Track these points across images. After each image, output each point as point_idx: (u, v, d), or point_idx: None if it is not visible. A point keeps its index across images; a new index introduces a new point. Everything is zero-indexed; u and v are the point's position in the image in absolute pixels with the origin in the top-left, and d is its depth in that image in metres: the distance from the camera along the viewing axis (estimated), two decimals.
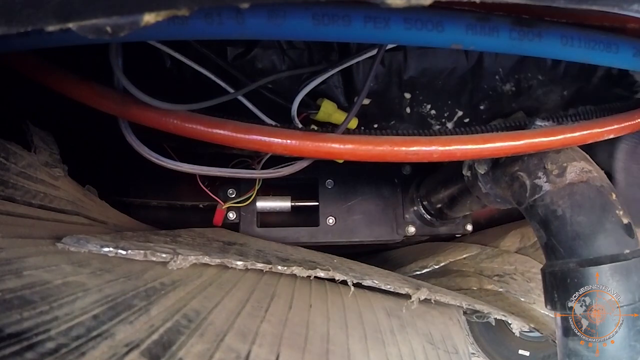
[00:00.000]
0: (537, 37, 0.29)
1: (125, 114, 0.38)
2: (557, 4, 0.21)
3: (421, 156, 0.40)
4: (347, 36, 0.28)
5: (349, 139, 0.40)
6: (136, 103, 0.37)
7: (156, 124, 0.38)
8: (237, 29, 0.26)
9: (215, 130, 0.38)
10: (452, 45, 0.29)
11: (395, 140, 0.40)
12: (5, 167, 0.38)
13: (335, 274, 0.46)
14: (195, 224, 0.65)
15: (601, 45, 0.30)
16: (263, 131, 0.39)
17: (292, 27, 0.27)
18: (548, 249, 0.38)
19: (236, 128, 0.38)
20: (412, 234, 0.69)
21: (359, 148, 0.40)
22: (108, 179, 0.65)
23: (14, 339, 0.21)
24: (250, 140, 0.39)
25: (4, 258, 0.27)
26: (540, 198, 0.38)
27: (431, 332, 0.53)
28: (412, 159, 0.41)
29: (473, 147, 0.39)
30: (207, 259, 0.39)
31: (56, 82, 0.37)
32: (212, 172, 0.46)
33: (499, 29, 0.28)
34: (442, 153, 0.39)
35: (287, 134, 0.39)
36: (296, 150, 0.40)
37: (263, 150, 0.42)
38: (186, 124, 0.38)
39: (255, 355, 0.31)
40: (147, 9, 0.19)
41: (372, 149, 0.40)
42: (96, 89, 0.38)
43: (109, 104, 0.38)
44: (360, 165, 0.71)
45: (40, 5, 0.18)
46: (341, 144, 0.40)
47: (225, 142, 0.39)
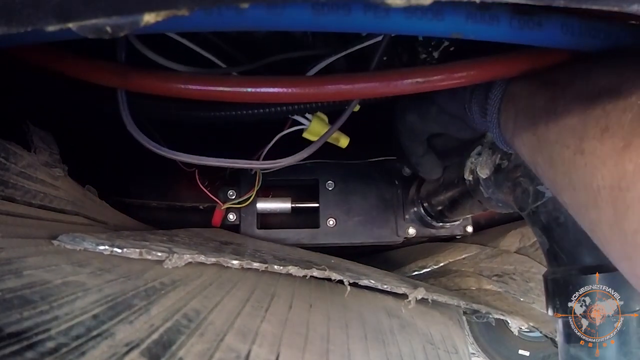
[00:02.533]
0: (537, 25, 0.29)
1: (128, 84, 0.38)
2: (557, 4, 0.21)
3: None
4: (347, 26, 0.28)
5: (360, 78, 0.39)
6: (138, 72, 0.37)
7: (160, 90, 0.37)
8: (236, 20, 0.26)
9: (220, 88, 0.37)
10: (452, 34, 0.29)
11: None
12: (5, 167, 0.38)
13: (332, 274, 0.46)
14: (195, 225, 0.65)
15: (602, 34, 0.30)
16: (268, 82, 0.38)
17: (291, 18, 0.26)
18: (550, 256, 0.38)
19: (243, 82, 0.38)
20: (412, 235, 0.69)
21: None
22: (108, 179, 0.65)
23: (14, 339, 0.21)
24: (257, 93, 0.38)
25: (4, 258, 0.27)
26: (542, 204, 0.38)
27: (431, 332, 0.53)
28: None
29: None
30: (203, 258, 0.39)
31: (54, 61, 0.37)
32: (211, 162, 0.45)
33: (499, 18, 0.28)
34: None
35: (292, 82, 0.38)
36: (304, 96, 0.39)
37: (271, 100, 0.40)
38: (190, 86, 0.37)
39: (255, 355, 0.31)
40: (147, 9, 0.19)
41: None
42: (96, 63, 0.37)
43: (110, 77, 0.37)
44: (361, 167, 0.72)
45: (40, 5, 0.18)
46: (350, 84, 0.38)
47: (233, 99, 0.38)
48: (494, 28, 0.29)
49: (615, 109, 0.25)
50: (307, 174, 0.71)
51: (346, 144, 0.57)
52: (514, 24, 0.29)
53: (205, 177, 0.70)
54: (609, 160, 0.25)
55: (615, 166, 0.25)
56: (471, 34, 0.29)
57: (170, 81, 0.37)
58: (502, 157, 0.43)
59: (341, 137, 0.56)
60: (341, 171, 0.71)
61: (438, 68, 0.36)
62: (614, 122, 0.25)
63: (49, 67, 0.37)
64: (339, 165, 0.71)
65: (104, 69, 0.37)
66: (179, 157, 0.44)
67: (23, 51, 0.37)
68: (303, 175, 0.71)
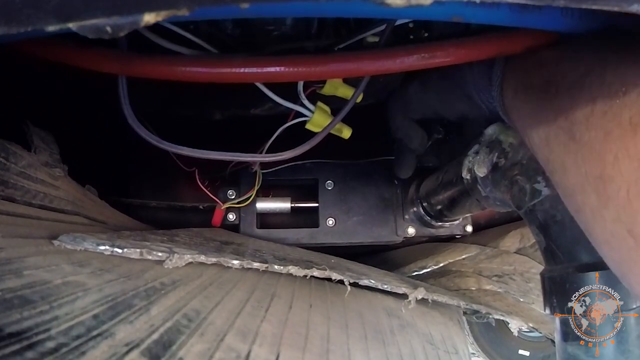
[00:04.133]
0: (537, 9, 0.29)
1: (129, 71, 0.37)
2: (557, 4, 0.21)
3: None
4: (348, 11, 0.28)
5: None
6: (139, 58, 0.36)
7: (163, 74, 0.37)
8: (237, 8, 0.26)
9: (226, 70, 0.36)
10: (453, 18, 0.29)
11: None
12: (5, 167, 0.38)
13: (332, 274, 0.46)
14: (195, 225, 0.65)
15: (601, 18, 0.30)
16: (273, 62, 0.37)
17: (292, 4, 0.26)
18: (547, 254, 0.38)
19: (248, 63, 0.37)
20: (411, 235, 0.69)
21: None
22: (108, 179, 0.65)
23: (14, 339, 0.21)
24: (262, 73, 0.37)
25: (4, 258, 0.27)
26: (539, 202, 0.38)
27: (431, 333, 0.53)
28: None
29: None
30: (203, 258, 0.39)
31: (54, 51, 0.36)
32: (212, 155, 0.45)
33: (499, 1, 0.29)
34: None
35: (297, 61, 0.38)
36: (310, 74, 0.38)
37: (277, 80, 0.40)
38: (194, 68, 0.36)
39: (255, 355, 0.31)
40: (147, 9, 0.19)
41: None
42: (96, 51, 0.37)
43: (111, 64, 0.37)
44: (360, 166, 0.72)
45: (40, 5, 0.19)
46: (356, 62, 0.38)
47: (239, 80, 0.37)
48: (494, 11, 0.29)
49: (600, 95, 0.26)
50: (306, 174, 0.71)
51: (349, 135, 0.56)
52: (514, 8, 0.29)
53: (205, 177, 0.70)
54: (594, 148, 0.25)
55: (598, 155, 0.25)
56: (472, 17, 0.29)
57: (173, 65, 0.36)
58: (499, 155, 0.43)
59: (344, 128, 0.56)
60: (341, 171, 0.71)
61: (444, 44, 0.37)
62: (597, 109, 0.25)
63: (49, 57, 0.36)
64: (338, 165, 0.71)
65: (104, 55, 0.37)
66: (180, 150, 0.43)
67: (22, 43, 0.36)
68: (302, 175, 0.71)
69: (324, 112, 0.53)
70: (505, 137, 0.43)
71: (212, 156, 0.45)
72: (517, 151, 0.41)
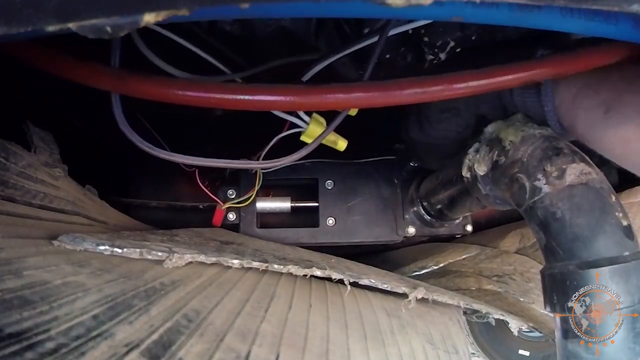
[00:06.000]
0: (536, 8, 0.30)
1: (123, 89, 0.37)
2: (557, 4, 0.21)
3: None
4: (348, 11, 0.28)
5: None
6: (133, 76, 0.36)
7: (156, 96, 0.37)
8: (236, 9, 0.26)
9: (218, 96, 0.37)
10: (453, 18, 0.29)
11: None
12: (5, 167, 0.38)
13: (332, 273, 0.46)
14: (196, 224, 0.65)
15: (600, 17, 0.30)
16: (266, 90, 0.37)
17: (291, 5, 0.26)
18: (547, 251, 0.38)
19: (240, 90, 0.37)
20: (411, 234, 0.69)
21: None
22: (108, 179, 0.65)
23: (14, 339, 0.21)
24: (254, 101, 0.37)
25: (4, 258, 0.27)
26: (539, 200, 0.38)
27: (431, 332, 0.53)
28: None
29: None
30: (203, 258, 0.39)
31: (49, 63, 0.36)
32: (209, 162, 0.44)
33: (498, 1, 0.29)
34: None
35: (290, 90, 0.38)
36: (302, 105, 0.39)
37: (269, 108, 0.40)
38: (187, 92, 0.36)
39: (255, 355, 0.31)
40: (147, 9, 0.19)
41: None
42: (91, 66, 0.37)
43: (106, 80, 0.37)
44: (360, 166, 0.72)
45: (40, 5, 0.18)
46: (347, 94, 0.38)
47: (231, 106, 0.37)
48: (494, 11, 0.29)
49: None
50: (306, 174, 0.71)
51: (344, 147, 0.56)
52: (513, 7, 0.29)
53: (205, 177, 0.70)
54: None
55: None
56: (472, 17, 0.29)
57: (167, 87, 0.36)
58: (499, 153, 0.43)
59: (339, 140, 0.56)
60: (341, 170, 0.71)
61: (437, 78, 0.36)
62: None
63: (44, 69, 0.37)
64: (338, 165, 0.71)
65: (99, 72, 0.37)
66: (173, 158, 0.42)
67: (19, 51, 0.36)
68: (303, 174, 0.71)
69: (319, 123, 0.52)
70: (505, 135, 0.43)
71: (208, 163, 0.44)
72: (517, 149, 0.41)
